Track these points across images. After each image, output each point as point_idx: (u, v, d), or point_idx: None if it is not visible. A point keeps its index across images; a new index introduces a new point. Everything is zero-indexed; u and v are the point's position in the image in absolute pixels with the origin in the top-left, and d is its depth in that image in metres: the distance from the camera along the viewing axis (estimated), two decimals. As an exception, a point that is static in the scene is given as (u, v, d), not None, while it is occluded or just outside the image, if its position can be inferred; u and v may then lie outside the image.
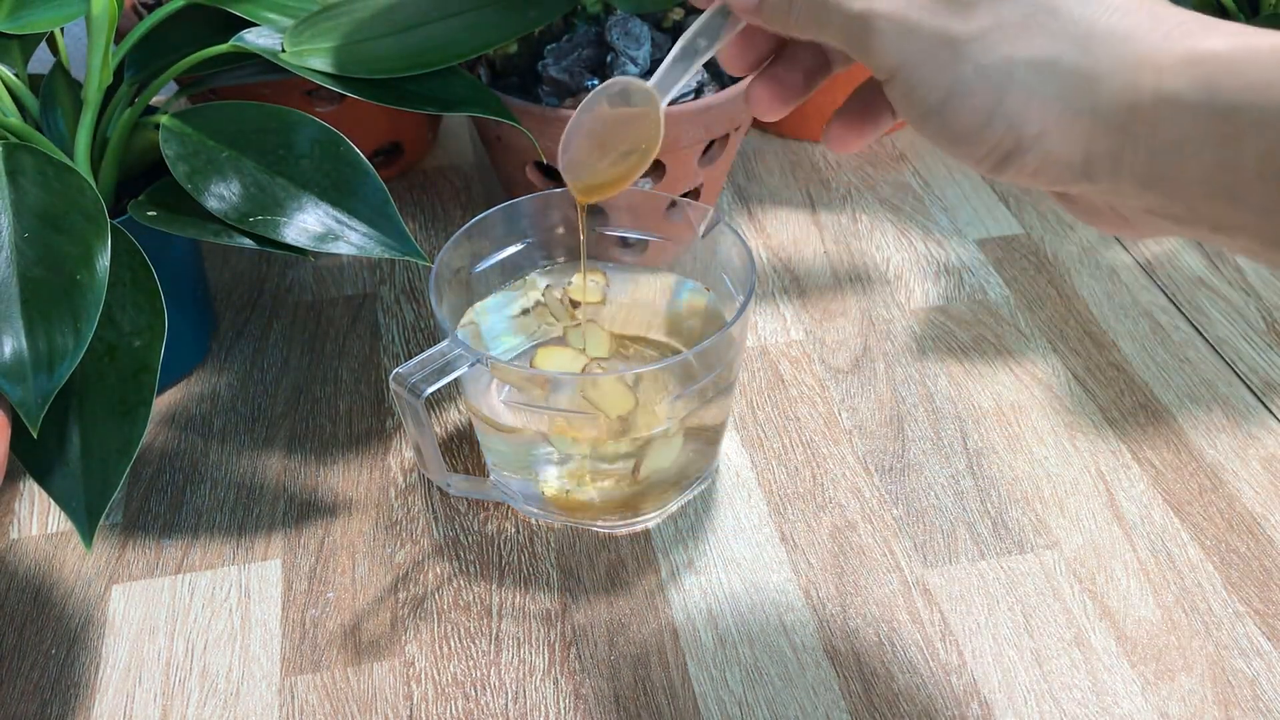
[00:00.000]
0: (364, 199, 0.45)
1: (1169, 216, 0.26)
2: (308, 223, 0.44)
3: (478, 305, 0.48)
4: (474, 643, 0.44)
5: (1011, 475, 0.50)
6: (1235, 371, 0.56)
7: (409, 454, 0.51)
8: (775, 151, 0.73)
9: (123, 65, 0.49)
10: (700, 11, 0.34)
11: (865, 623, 0.44)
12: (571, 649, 0.44)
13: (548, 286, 0.48)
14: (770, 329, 0.58)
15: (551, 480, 0.46)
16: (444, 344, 0.40)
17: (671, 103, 0.55)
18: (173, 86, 0.53)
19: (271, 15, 0.50)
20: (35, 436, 0.37)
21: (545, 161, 0.56)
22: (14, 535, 0.48)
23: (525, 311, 0.48)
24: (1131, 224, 0.29)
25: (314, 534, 0.48)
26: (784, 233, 0.65)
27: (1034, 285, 0.61)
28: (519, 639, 0.44)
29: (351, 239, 0.44)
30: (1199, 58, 0.24)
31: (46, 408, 0.37)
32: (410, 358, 0.42)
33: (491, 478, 0.48)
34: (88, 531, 0.38)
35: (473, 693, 0.42)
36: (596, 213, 0.50)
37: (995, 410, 0.54)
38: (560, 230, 0.50)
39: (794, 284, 0.61)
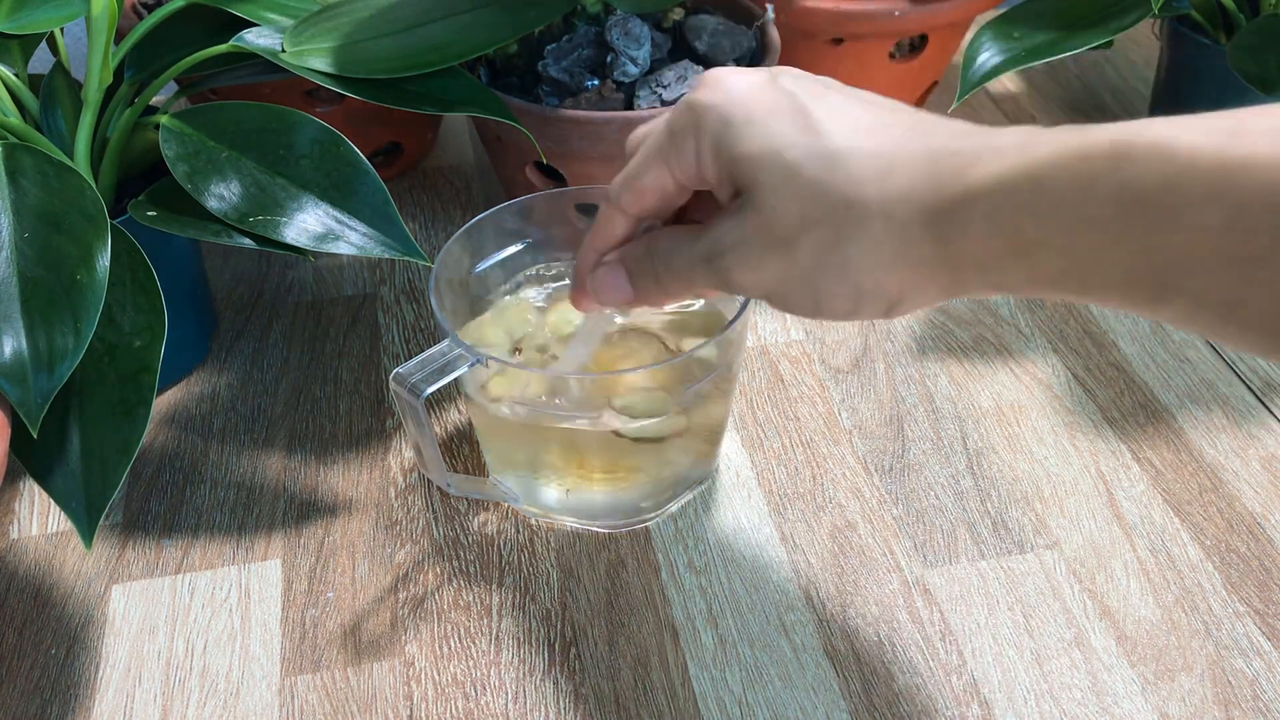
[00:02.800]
0: (364, 199, 0.45)
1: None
2: (308, 223, 0.44)
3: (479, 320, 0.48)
4: (474, 643, 0.44)
5: (1011, 475, 0.50)
6: (1235, 371, 0.56)
7: (409, 454, 0.51)
8: (775, 151, 0.72)
9: (123, 65, 0.49)
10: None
11: (865, 623, 0.44)
12: (571, 649, 0.44)
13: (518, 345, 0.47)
14: (770, 329, 0.58)
15: (551, 480, 0.46)
16: (444, 344, 0.40)
17: (672, 102, 0.55)
18: (173, 86, 0.53)
19: (271, 15, 0.50)
20: (35, 436, 0.37)
21: (545, 161, 0.56)
22: (14, 535, 0.48)
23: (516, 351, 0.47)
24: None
25: (314, 534, 0.48)
26: (784, 233, 0.65)
27: (1034, 285, 0.61)
28: (519, 639, 0.44)
29: (351, 239, 0.44)
30: (975, 193, 0.28)
31: (46, 408, 0.37)
32: (410, 358, 0.42)
33: (491, 478, 0.48)
34: (88, 531, 0.38)
35: (473, 693, 0.42)
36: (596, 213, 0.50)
37: (995, 410, 0.54)
38: (559, 230, 0.50)
39: (794, 284, 0.61)
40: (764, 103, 0.32)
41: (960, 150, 0.29)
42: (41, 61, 0.52)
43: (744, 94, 0.32)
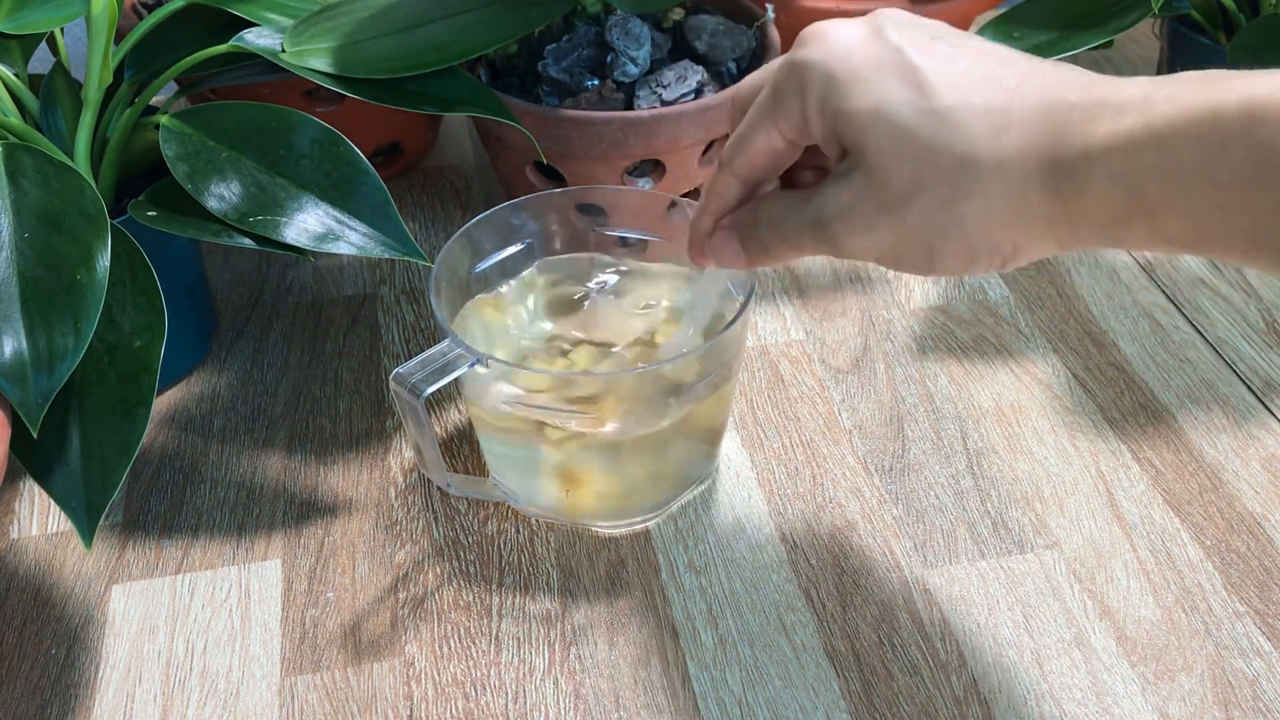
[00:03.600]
0: (364, 199, 0.45)
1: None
2: (308, 223, 0.44)
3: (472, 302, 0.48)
4: (474, 643, 0.44)
5: (1011, 475, 0.50)
6: (1235, 371, 0.56)
7: (409, 454, 0.51)
8: (775, 151, 0.72)
9: (123, 65, 0.49)
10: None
11: (865, 623, 0.44)
12: (571, 649, 0.44)
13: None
14: (770, 329, 0.58)
15: (551, 480, 0.46)
16: (444, 344, 0.40)
17: (672, 102, 0.55)
18: (173, 86, 0.53)
19: (271, 15, 0.50)
20: (35, 436, 0.37)
21: (545, 161, 0.56)
22: (14, 535, 0.48)
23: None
24: None
25: (314, 534, 0.48)
26: (784, 233, 0.65)
27: (1034, 285, 0.61)
28: (519, 639, 0.44)
29: (351, 239, 0.44)
30: (1095, 153, 0.27)
31: (46, 408, 0.37)
32: (410, 358, 0.42)
33: (491, 478, 0.48)
34: (88, 531, 0.38)
35: (473, 693, 0.42)
36: (597, 213, 0.50)
37: (995, 410, 0.54)
38: (559, 230, 0.50)
39: (794, 284, 0.61)
40: (870, 58, 0.31)
41: (1078, 104, 0.28)
42: (41, 61, 0.52)
43: (849, 49, 0.31)
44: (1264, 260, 0.26)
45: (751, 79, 0.36)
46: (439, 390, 0.40)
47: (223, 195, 0.44)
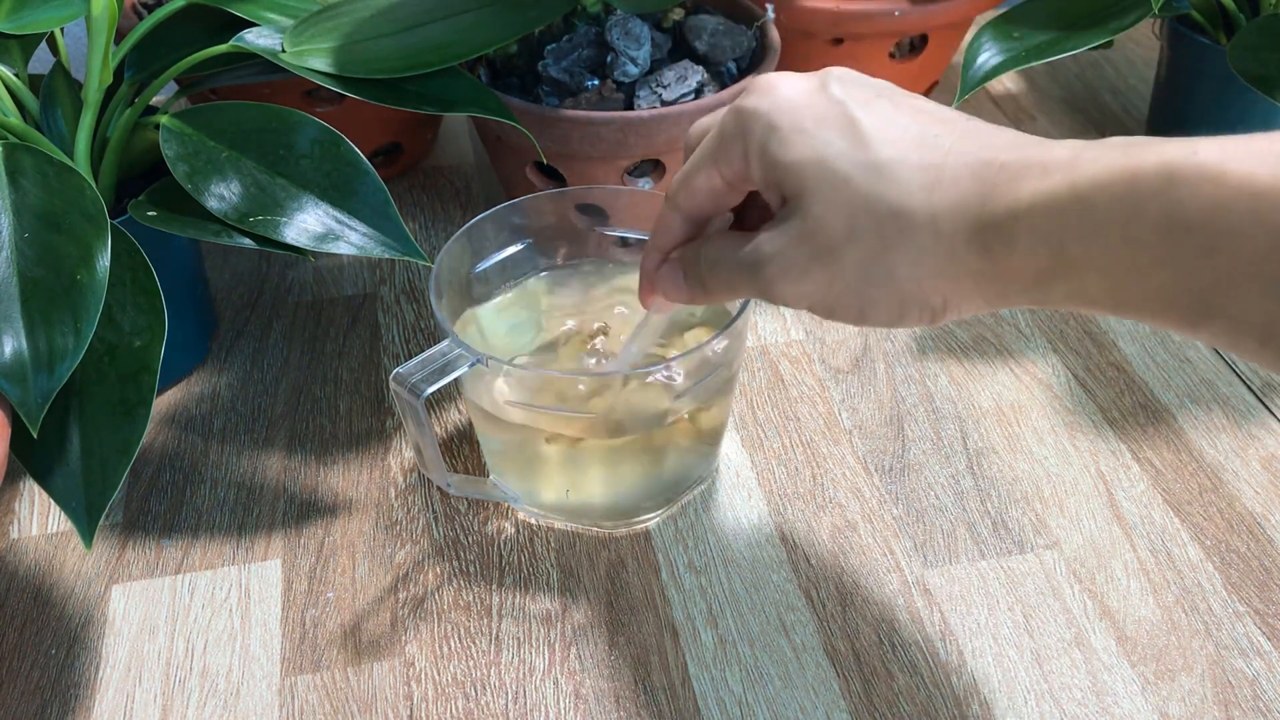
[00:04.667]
0: (364, 199, 0.45)
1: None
2: (308, 223, 0.44)
3: (477, 310, 0.48)
4: (474, 643, 0.44)
5: (1011, 475, 0.50)
6: (1235, 371, 0.56)
7: (409, 454, 0.51)
8: (775, 151, 0.72)
9: (123, 65, 0.49)
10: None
11: (865, 623, 0.44)
12: (571, 649, 0.44)
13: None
14: (770, 329, 0.58)
15: (551, 480, 0.46)
16: (444, 344, 0.40)
17: (672, 102, 0.55)
18: (173, 86, 0.53)
19: (271, 15, 0.50)
20: (35, 436, 0.37)
21: (545, 161, 0.56)
22: (14, 535, 0.48)
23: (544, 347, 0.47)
24: None
25: (314, 534, 0.48)
26: (784, 233, 0.65)
27: (1034, 285, 0.61)
28: (519, 639, 0.44)
29: (351, 239, 0.44)
30: (1020, 211, 0.28)
31: (46, 408, 0.37)
32: (410, 358, 0.42)
33: (491, 478, 0.48)
34: (88, 531, 0.38)
35: (473, 693, 0.42)
36: (597, 213, 0.50)
37: (995, 410, 0.54)
38: (559, 230, 0.50)
39: (794, 284, 0.61)
40: (813, 111, 0.32)
41: (1008, 164, 0.29)
42: (41, 61, 0.52)
43: (792, 101, 0.32)
44: (1176, 321, 0.27)
45: (704, 121, 0.37)
46: (439, 390, 0.40)
47: (223, 195, 0.44)
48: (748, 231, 0.35)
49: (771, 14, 0.60)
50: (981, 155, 0.29)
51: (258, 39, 0.48)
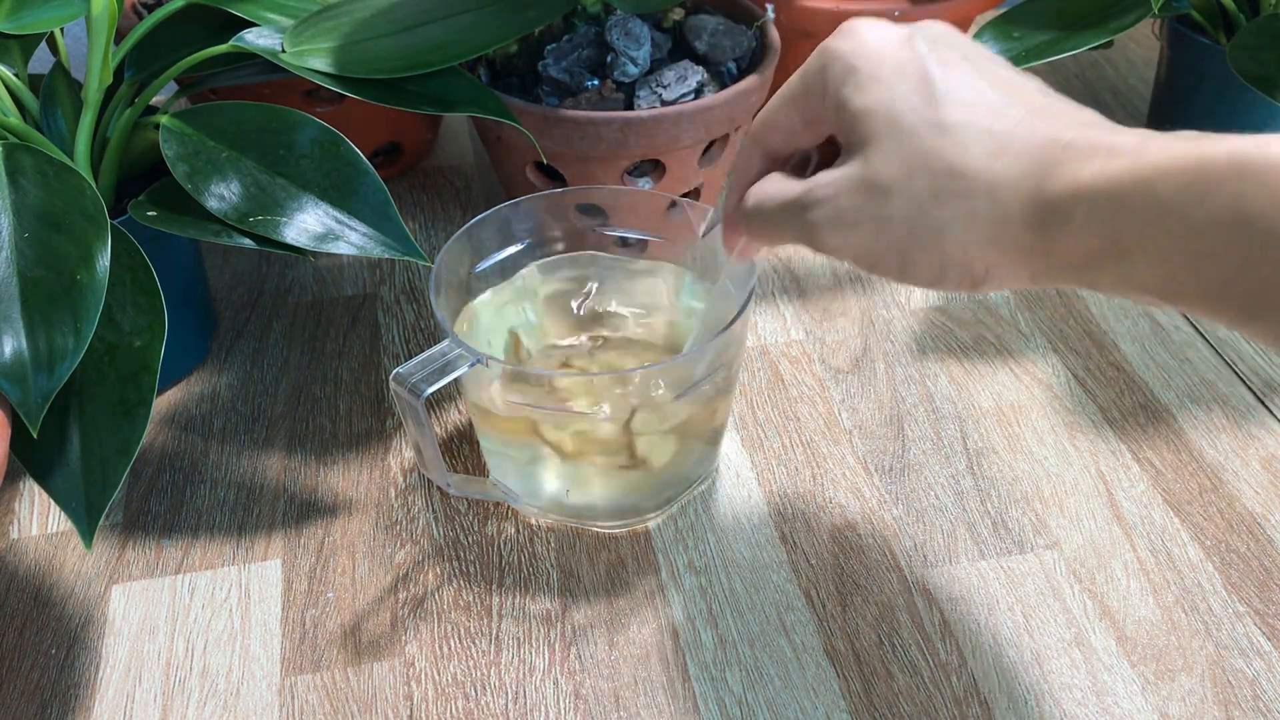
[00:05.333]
0: (364, 199, 0.45)
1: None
2: (308, 223, 0.44)
3: (473, 304, 0.48)
4: (474, 643, 0.44)
5: (1011, 475, 0.50)
6: (1235, 371, 0.56)
7: (409, 454, 0.51)
8: (775, 151, 0.73)
9: (123, 65, 0.49)
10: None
11: (865, 623, 0.44)
12: (571, 649, 0.44)
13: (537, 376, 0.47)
14: (770, 329, 0.58)
15: (551, 480, 0.46)
16: (444, 344, 0.40)
17: (672, 102, 0.55)
18: (173, 86, 0.53)
19: (271, 15, 0.50)
20: (35, 436, 0.37)
21: (545, 161, 0.56)
22: (14, 535, 0.48)
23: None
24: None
25: (314, 534, 0.48)
26: (784, 233, 0.65)
27: (1034, 285, 0.61)
28: (519, 639, 0.44)
29: (351, 239, 0.44)
30: (1081, 191, 0.28)
31: (46, 408, 0.37)
32: (410, 358, 0.42)
33: (491, 478, 0.48)
34: (88, 531, 0.38)
35: (473, 693, 0.42)
36: (597, 213, 0.50)
37: (995, 410, 0.54)
38: (559, 230, 0.50)
39: (794, 284, 0.61)
40: (893, 60, 0.31)
41: (1074, 143, 0.29)
42: (41, 61, 0.52)
43: (876, 47, 0.32)
44: (1228, 315, 0.27)
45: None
46: (439, 390, 0.40)
47: (223, 195, 0.44)
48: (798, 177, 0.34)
49: (771, 14, 0.60)
50: (1049, 132, 0.29)
51: (258, 39, 0.48)
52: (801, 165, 0.36)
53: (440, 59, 0.49)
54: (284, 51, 0.48)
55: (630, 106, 0.56)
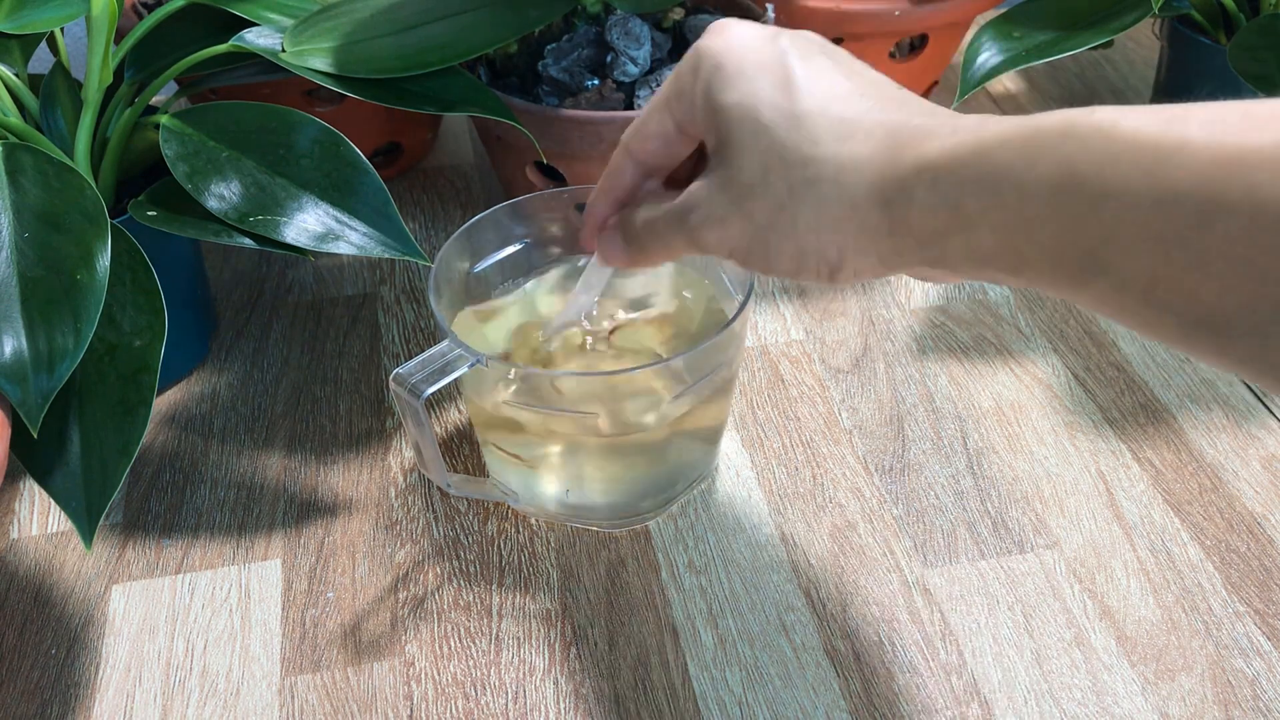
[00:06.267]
0: (364, 199, 0.45)
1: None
2: (308, 223, 0.44)
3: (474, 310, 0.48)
4: (474, 643, 0.44)
5: (1011, 475, 0.50)
6: (1235, 371, 0.56)
7: (409, 454, 0.51)
8: (775, 151, 0.73)
9: (123, 65, 0.49)
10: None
11: (865, 623, 0.44)
12: (571, 649, 0.44)
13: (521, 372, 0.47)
14: (770, 329, 0.58)
15: (551, 480, 0.46)
16: (444, 344, 0.40)
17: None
18: (173, 86, 0.53)
19: (271, 15, 0.50)
20: (35, 436, 0.37)
21: (545, 161, 0.56)
22: (14, 535, 0.48)
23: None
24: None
25: (314, 534, 0.48)
26: (784, 233, 0.65)
27: (1034, 285, 0.61)
28: (519, 639, 0.44)
29: (351, 239, 0.44)
30: (924, 166, 0.28)
31: (46, 408, 0.37)
32: (410, 358, 0.42)
33: (491, 478, 0.48)
34: (88, 531, 0.38)
35: (473, 693, 0.42)
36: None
37: (995, 410, 0.54)
38: (559, 230, 0.50)
39: (794, 284, 0.61)
40: (756, 56, 0.32)
41: (921, 126, 0.29)
42: (41, 61, 0.52)
43: (741, 45, 0.33)
44: (1063, 281, 0.27)
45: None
46: (439, 390, 0.40)
47: (223, 195, 0.44)
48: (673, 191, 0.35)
49: (771, 14, 0.60)
50: (899, 117, 0.30)
51: (258, 39, 0.48)
52: (651, 194, 0.37)
53: (440, 59, 0.49)
54: (284, 51, 0.48)
55: (630, 106, 0.56)
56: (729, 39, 0.33)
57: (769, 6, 0.60)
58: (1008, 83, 0.80)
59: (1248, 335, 0.24)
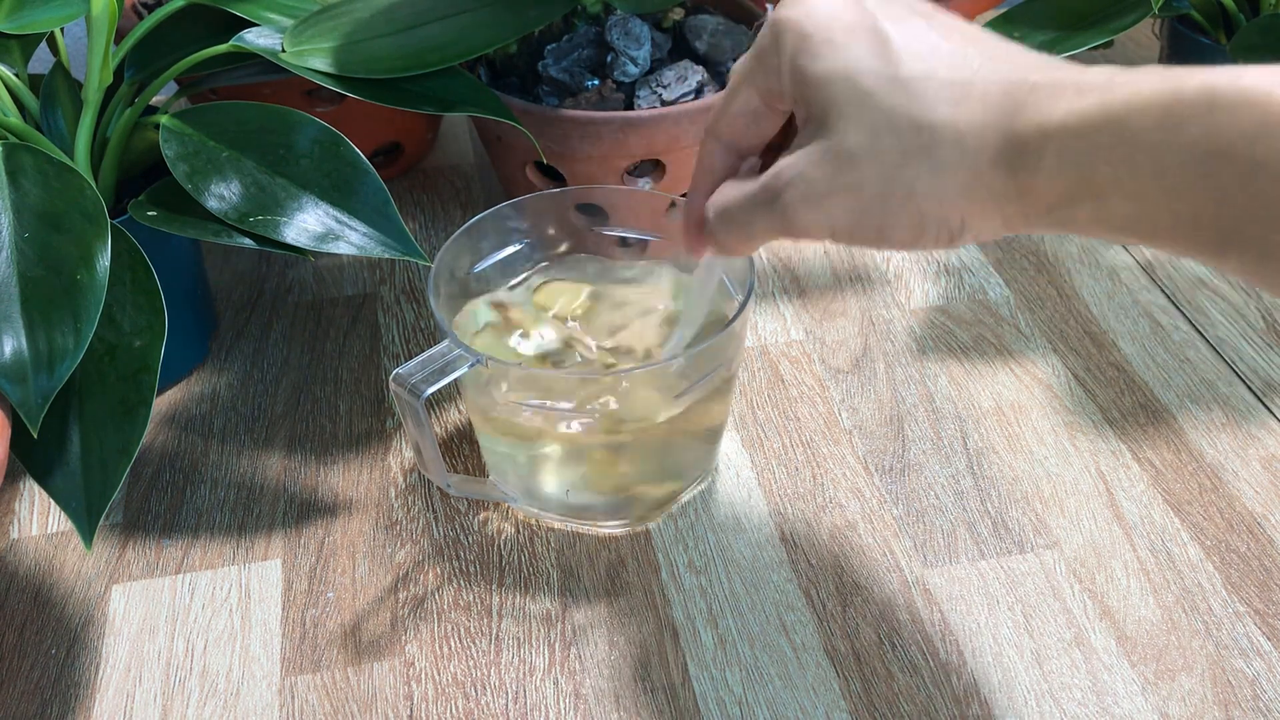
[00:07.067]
0: (364, 199, 0.45)
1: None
2: (308, 223, 0.44)
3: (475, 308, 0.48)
4: (474, 643, 0.44)
5: (1011, 475, 0.50)
6: (1235, 371, 0.56)
7: (409, 454, 0.51)
8: (775, 151, 0.73)
9: (123, 65, 0.49)
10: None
11: (865, 623, 0.44)
12: (571, 649, 0.44)
13: (497, 305, 0.47)
14: (770, 329, 0.58)
15: (551, 480, 0.46)
16: (444, 344, 0.40)
17: (672, 102, 0.55)
18: (173, 86, 0.53)
19: (271, 15, 0.50)
20: (35, 436, 0.37)
21: (545, 161, 0.56)
22: (14, 535, 0.48)
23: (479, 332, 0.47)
24: None
25: (314, 534, 0.48)
26: (784, 233, 0.65)
27: (1034, 285, 0.61)
28: (519, 639, 0.44)
29: (351, 239, 0.44)
30: (1050, 130, 0.27)
31: (46, 408, 0.37)
32: (410, 358, 0.42)
33: (491, 478, 0.48)
34: (88, 531, 0.38)
35: (473, 693, 0.42)
36: (597, 213, 0.50)
37: (995, 410, 0.54)
38: (559, 230, 0.50)
39: (794, 284, 0.61)
40: (844, 23, 0.31)
41: (1040, 84, 0.28)
42: (41, 61, 0.52)
43: (825, 12, 0.31)
44: (1200, 249, 0.26)
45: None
46: (439, 390, 0.40)
47: (223, 195, 0.44)
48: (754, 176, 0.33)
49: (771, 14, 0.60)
50: (1013, 75, 0.29)
51: (258, 39, 0.48)
52: (751, 172, 0.36)
53: (440, 59, 0.49)
54: (284, 51, 0.48)
55: (630, 106, 0.56)
56: (809, 6, 0.32)
57: (769, 7, 0.60)
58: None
59: None
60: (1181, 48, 0.66)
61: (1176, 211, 0.26)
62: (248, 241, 0.44)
